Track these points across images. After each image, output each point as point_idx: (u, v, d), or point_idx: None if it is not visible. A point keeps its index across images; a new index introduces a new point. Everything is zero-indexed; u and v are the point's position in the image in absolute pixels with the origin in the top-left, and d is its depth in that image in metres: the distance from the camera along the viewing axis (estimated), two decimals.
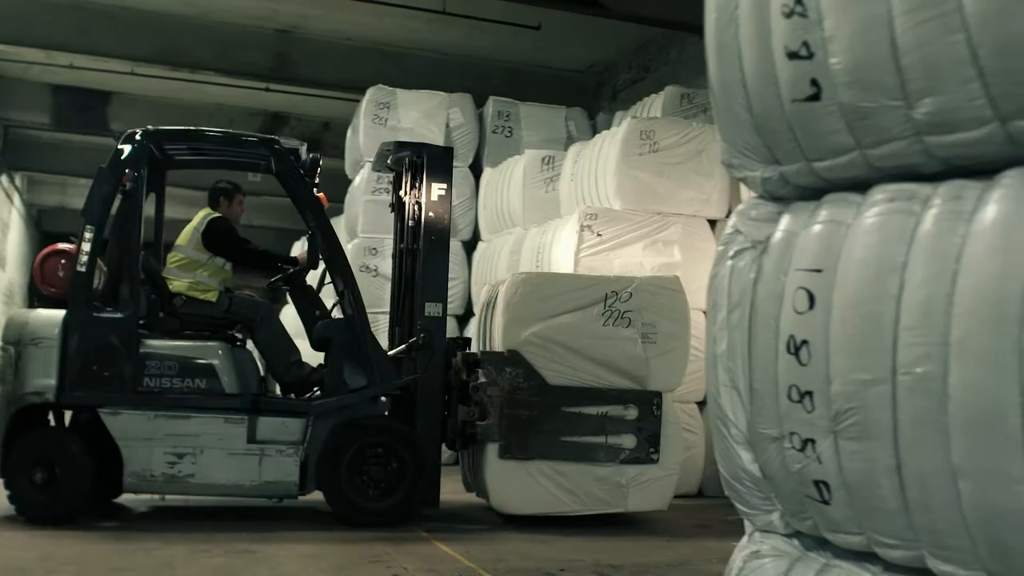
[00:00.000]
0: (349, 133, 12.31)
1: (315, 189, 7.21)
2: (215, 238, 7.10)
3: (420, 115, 11.40)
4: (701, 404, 8.66)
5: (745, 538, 3.20)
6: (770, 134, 2.86)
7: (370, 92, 11.51)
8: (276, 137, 7.19)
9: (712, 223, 8.89)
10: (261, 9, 12.57)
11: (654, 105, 10.29)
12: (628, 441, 6.86)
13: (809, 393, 2.66)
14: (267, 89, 14.75)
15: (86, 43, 12.86)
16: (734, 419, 2.99)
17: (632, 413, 6.88)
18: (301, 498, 6.89)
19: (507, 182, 10.51)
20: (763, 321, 2.83)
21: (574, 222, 8.54)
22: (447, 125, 11.46)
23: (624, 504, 6.88)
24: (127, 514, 6.92)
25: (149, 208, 7.29)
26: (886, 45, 2.45)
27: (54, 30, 12.59)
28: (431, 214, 7.09)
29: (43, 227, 25.08)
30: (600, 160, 8.92)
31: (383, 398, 6.93)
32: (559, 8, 11.29)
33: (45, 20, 12.52)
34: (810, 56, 2.63)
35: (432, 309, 7.00)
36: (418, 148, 7.47)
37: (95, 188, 6.78)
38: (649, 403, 6.90)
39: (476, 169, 11.54)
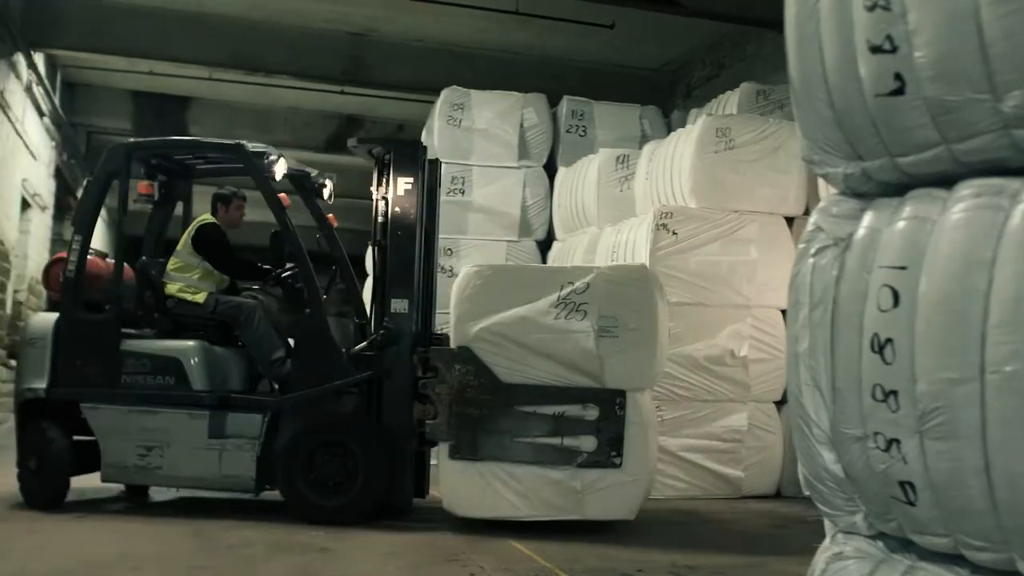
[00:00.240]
0: (424, 134, 12.35)
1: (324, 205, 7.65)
2: (204, 244, 7.41)
3: (494, 115, 11.42)
4: (778, 404, 8.58)
5: (827, 539, 3.16)
6: (852, 130, 2.81)
7: (444, 93, 11.55)
8: (242, 142, 7.33)
9: (789, 220, 8.78)
10: (334, 13, 12.69)
11: (729, 102, 10.20)
12: (587, 443, 6.36)
13: (894, 392, 2.61)
14: (342, 92, 14.88)
15: (165, 50, 13.11)
16: (816, 419, 2.95)
17: (592, 413, 6.38)
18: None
19: (581, 181, 10.49)
20: (846, 319, 2.79)
21: (649, 221, 8.49)
22: (521, 125, 11.47)
23: (581, 511, 6.40)
24: (205, 510, 7.02)
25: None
26: (972, 37, 2.40)
27: (134, 38, 12.86)
28: (397, 209, 7.07)
29: (121, 227, 25.45)
30: (675, 158, 8.86)
31: (351, 394, 6.96)
32: (633, 6, 11.25)
33: (125, 28, 12.79)
34: (894, 50, 2.58)
35: (398, 305, 6.95)
36: (386, 143, 7.48)
37: (82, 200, 7.40)
38: (611, 402, 6.34)
39: (551, 169, 11.53)
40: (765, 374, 8.51)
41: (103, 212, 9.18)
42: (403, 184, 7.07)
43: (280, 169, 7.21)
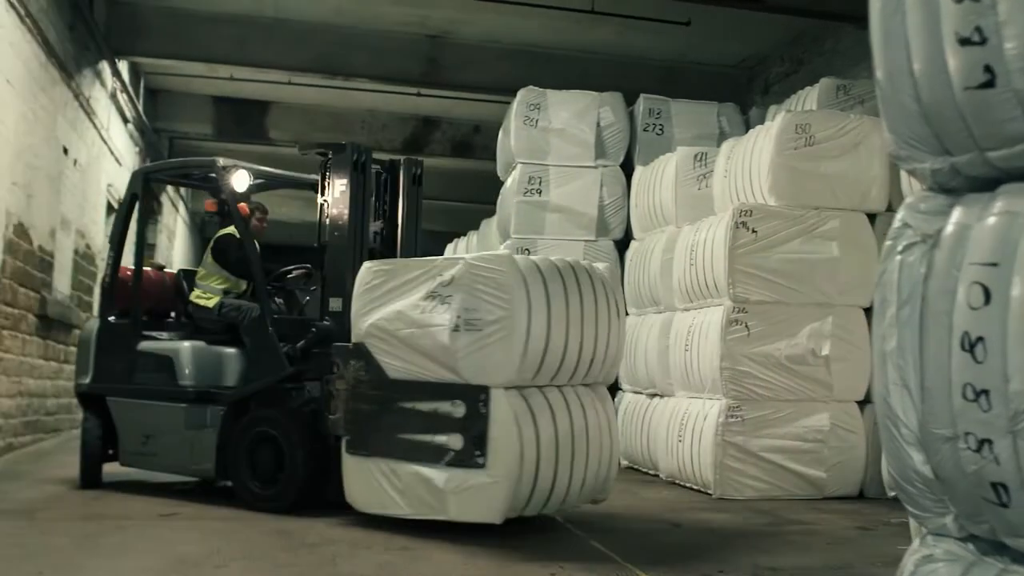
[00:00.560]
0: (500, 135, 12.39)
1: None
2: (220, 253, 8.07)
3: (571, 115, 11.41)
4: (861, 404, 8.46)
5: (916, 542, 3.10)
6: (940, 124, 2.76)
7: (521, 94, 11.57)
8: (215, 159, 7.95)
9: (871, 217, 8.65)
10: (411, 16, 12.78)
11: (809, 98, 10.09)
12: (455, 441, 6.05)
13: (985, 392, 2.56)
14: (418, 94, 14.99)
15: (245, 55, 13.30)
16: (905, 419, 2.89)
17: (459, 410, 6.06)
18: None
19: (659, 180, 10.44)
20: (935, 317, 2.73)
21: (728, 219, 8.42)
22: (598, 124, 11.44)
23: (446, 511, 6.09)
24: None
25: None
26: None
27: (215, 44, 13.07)
28: (334, 211, 7.40)
29: (206, 234, 25.96)
30: (754, 155, 8.78)
31: (297, 390, 7.36)
32: (711, 3, 11.17)
33: (206, 35, 13.02)
34: (983, 42, 2.53)
35: (335, 304, 7.26)
36: (325, 146, 7.70)
37: (116, 219, 8.49)
38: (475, 399, 5.99)
39: (628, 168, 11.49)
40: (847, 373, 8.39)
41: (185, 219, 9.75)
42: (339, 186, 7.40)
43: (239, 182, 7.75)
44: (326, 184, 7.51)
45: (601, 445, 6.72)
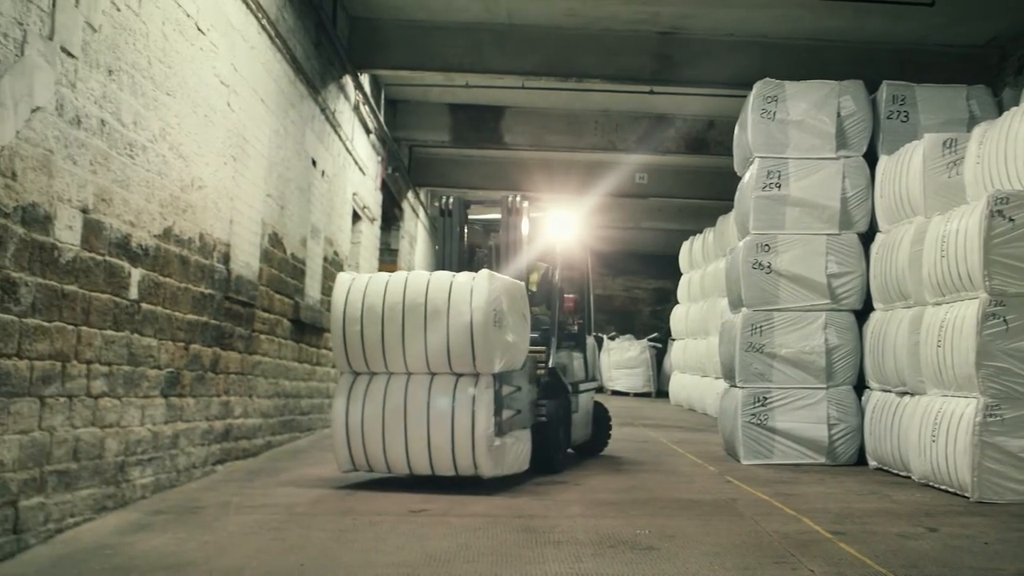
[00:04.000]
0: (736, 129, 12.17)
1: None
2: None
3: (809, 106, 11.10)
4: None
5: None
6: None
7: (757, 86, 11.33)
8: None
9: None
10: (642, 13, 12.72)
11: None
12: None
13: None
14: (650, 92, 14.91)
15: (480, 62, 13.56)
16: None
17: None
18: (712, 497, 7.40)
19: (905, 169, 10.00)
20: None
21: (982, 208, 7.99)
22: (838, 114, 11.07)
23: None
24: (530, 513, 7.19)
25: None
26: None
27: (450, 54, 13.40)
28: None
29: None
30: (1010, 139, 8.29)
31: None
32: None
33: (442, 45, 13.36)
34: None
35: None
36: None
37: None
38: None
39: (871, 158, 11.07)
40: None
41: (425, 224, 10.34)
42: None
43: None
44: None
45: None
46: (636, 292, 32.40)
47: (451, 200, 9.98)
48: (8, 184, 5.00)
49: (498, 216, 9.86)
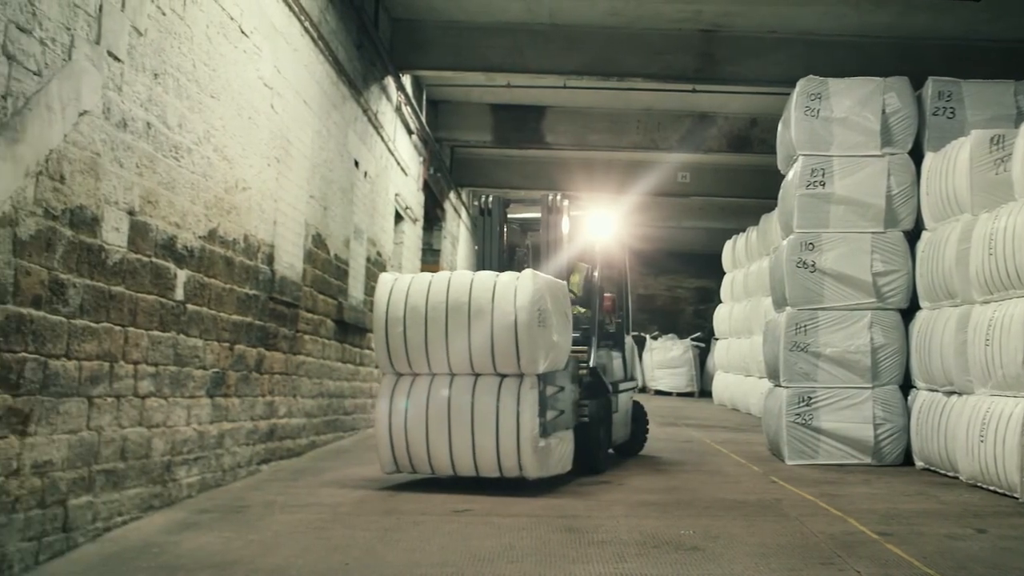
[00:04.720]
0: (780, 127, 12.09)
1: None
2: None
3: (854, 103, 11.00)
4: None
5: None
6: None
7: (800, 84, 11.25)
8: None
9: None
10: (684, 11, 12.67)
11: None
12: None
13: None
14: (693, 90, 14.86)
15: (521, 62, 13.57)
16: None
17: None
18: (757, 497, 7.45)
19: (952, 166, 9.89)
20: None
21: None
22: (883, 111, 10.96)
23: None
24: (572, 514, 7.18)
25: None
26: None
27: (492, 54, 13.42)
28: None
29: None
30: None
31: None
32: None
33: (484, 45, 13.39)
34: None
35: None
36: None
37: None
38: None
39: (917, 155, 10.94)
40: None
41: (467, 224, 10.41)
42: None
43: None
44: None
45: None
46: (679, 291, 32.26)
47: (491, 199, 10.00)
48: (56, 187, 5.07)
49: (537, 215, 9.88)
